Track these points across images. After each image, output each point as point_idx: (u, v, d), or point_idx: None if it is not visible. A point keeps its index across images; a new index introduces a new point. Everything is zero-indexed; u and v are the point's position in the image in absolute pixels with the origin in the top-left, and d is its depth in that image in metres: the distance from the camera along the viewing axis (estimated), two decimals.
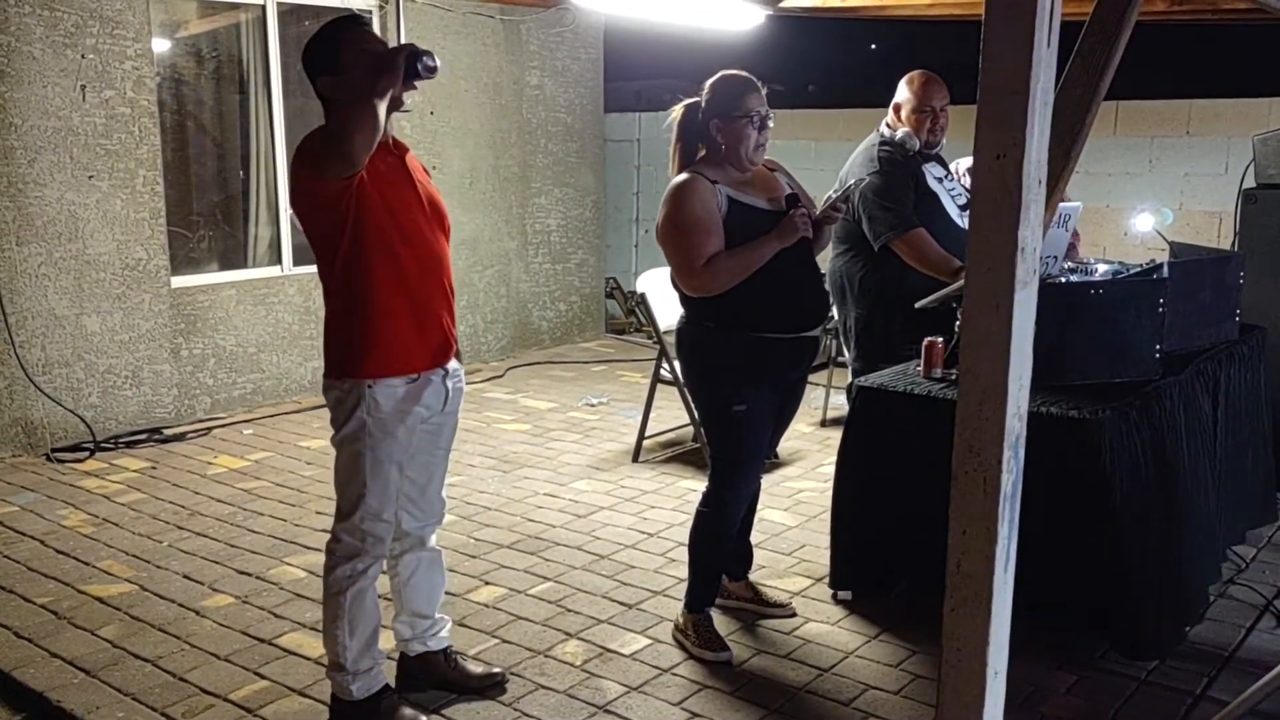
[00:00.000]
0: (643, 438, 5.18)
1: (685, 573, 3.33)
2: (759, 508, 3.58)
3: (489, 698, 2.95)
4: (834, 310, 4.11)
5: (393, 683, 2.88)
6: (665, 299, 4.17)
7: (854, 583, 3.57)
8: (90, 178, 5.24)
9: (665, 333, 4.72)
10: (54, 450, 5.17)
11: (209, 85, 6.19)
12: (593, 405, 6.21)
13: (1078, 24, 3.04)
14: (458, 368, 2.80)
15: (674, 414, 5.45)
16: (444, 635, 3.01)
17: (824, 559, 3.69)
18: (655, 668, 3.13)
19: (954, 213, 3.99)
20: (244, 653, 3.21)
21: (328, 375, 2.65)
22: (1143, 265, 4.02)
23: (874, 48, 19.27)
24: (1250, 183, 4.64)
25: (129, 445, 5.33)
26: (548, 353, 7.73)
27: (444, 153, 6.89)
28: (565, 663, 3.16)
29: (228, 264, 6.17)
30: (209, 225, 6.19)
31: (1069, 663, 3.12)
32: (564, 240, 7.91)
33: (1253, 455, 3.99)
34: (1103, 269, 3.92)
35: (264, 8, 5.97)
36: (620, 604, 3.55)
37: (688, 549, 3.26)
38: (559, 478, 4.88)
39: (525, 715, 2.87)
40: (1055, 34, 1.76)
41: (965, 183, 4.10)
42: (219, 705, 2.92)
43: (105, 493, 4.66)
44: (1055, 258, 3.73)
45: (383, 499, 2.65)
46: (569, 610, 3.50)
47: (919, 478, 3.05)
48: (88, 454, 5.18)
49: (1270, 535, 4.08)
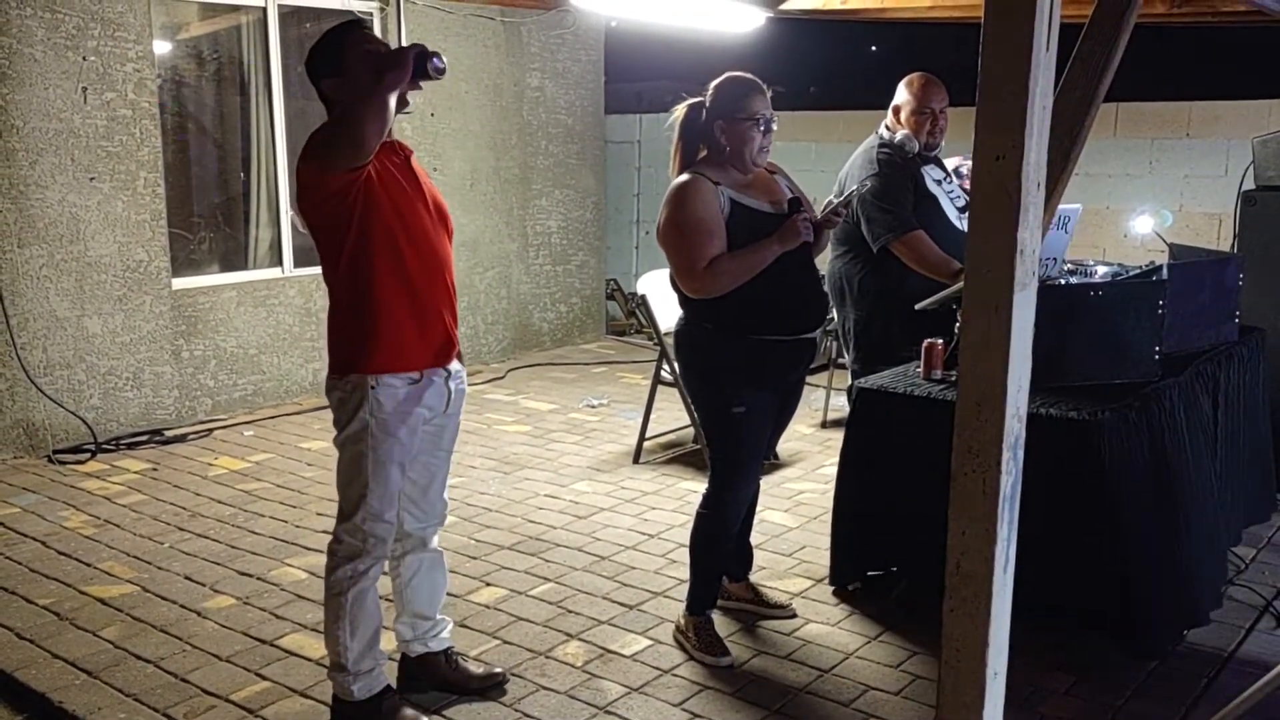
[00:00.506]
0: (643, 439, 5.18)
1: (686, 574, 3.34)
2: (759, 509, 3.59)
3: (490, 699, 2.96)
4: (833, 312, 4.11)
5: (394, 683, 2.88)
6: (665, 300, 4.17)
7: (854, 583, 3.57)
8: (91, 179, 5.25)
9: (665, 334, 4.72)
10: (55, 452, 5.17)
11: (210, 87, 6.19)
12: (593, 407, 6.22)
13: (1077, 26, 3.05)
14: (460, 369, 2.81)
15: (674, 415, 5.46)
16: (445, 636, 3.01)
17: (824, 560, 3.70)
18: (656, 669, 3.13)
19: (953, 215, 4.00)
20: (245, 654, 3.22)
21: (331, 374, 2.66)
22: (1142, 267, 4.03)
23: (874, 50, 19.29)
24: (1250, 185, 4.64)
25: (130, 447, 5.34)
26: (548, 354, 7.74)
27: (445, 154, 6.89)
28: (566, 664, 3.16)
29: (229, 266, 6.18)
30: (210, 227, 6.19)
31: (1069, 663, 3.12)
32: (564, 242, 7.92)
33: (1252, 456, 3.99)
34: (1102, 271, 3.93)
35: (265, 10, 5.97)
36: (621, 605, 3.55)
37: (688, 550, 3.27)
38: (560, 479, 4.88)
39: (526, 716, 2.88)
40: (1054, 36, 1.77)
41: (966, 185, 4.10)
42: (220, 706, 2.93)
43: (106, 494, 4.66)
44: (1055, 259, 3.74)
45: (384, 500, 2.66)
46: (570, 611, 3.51)
47: (919, 479, 3.06)
48: (89, 455, 5.18)
49: (1270, 535, 4.08)
